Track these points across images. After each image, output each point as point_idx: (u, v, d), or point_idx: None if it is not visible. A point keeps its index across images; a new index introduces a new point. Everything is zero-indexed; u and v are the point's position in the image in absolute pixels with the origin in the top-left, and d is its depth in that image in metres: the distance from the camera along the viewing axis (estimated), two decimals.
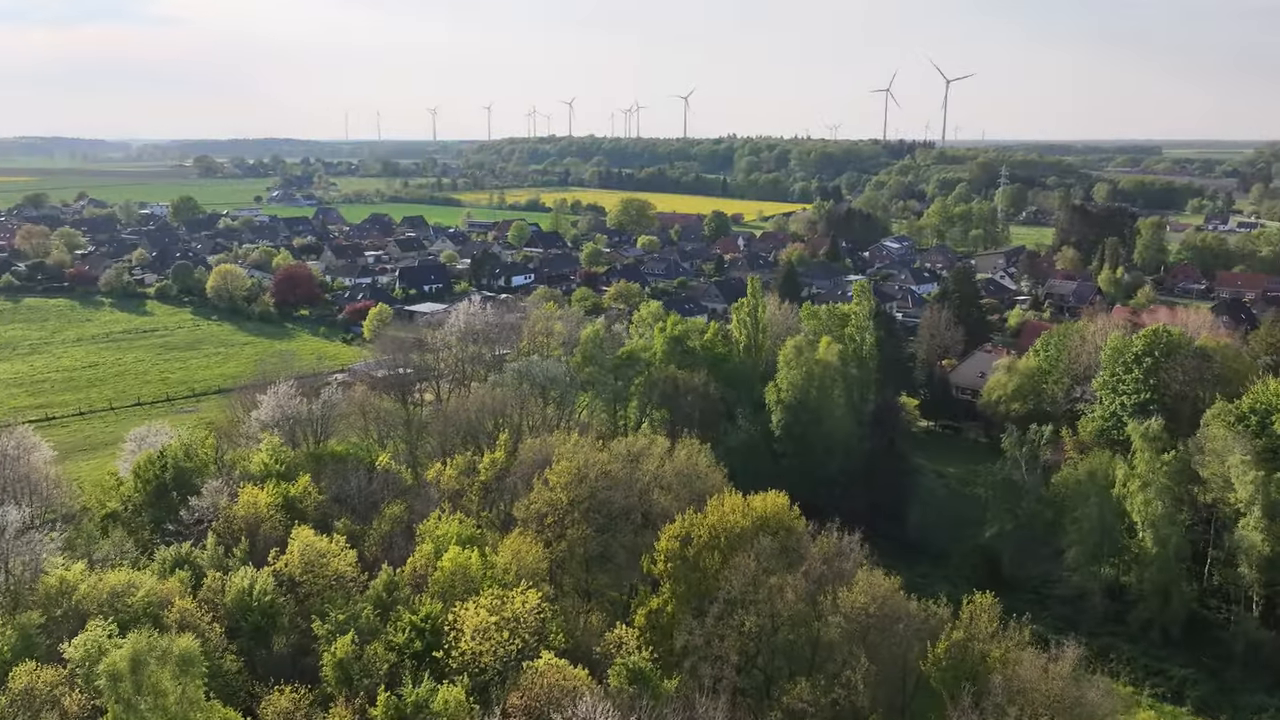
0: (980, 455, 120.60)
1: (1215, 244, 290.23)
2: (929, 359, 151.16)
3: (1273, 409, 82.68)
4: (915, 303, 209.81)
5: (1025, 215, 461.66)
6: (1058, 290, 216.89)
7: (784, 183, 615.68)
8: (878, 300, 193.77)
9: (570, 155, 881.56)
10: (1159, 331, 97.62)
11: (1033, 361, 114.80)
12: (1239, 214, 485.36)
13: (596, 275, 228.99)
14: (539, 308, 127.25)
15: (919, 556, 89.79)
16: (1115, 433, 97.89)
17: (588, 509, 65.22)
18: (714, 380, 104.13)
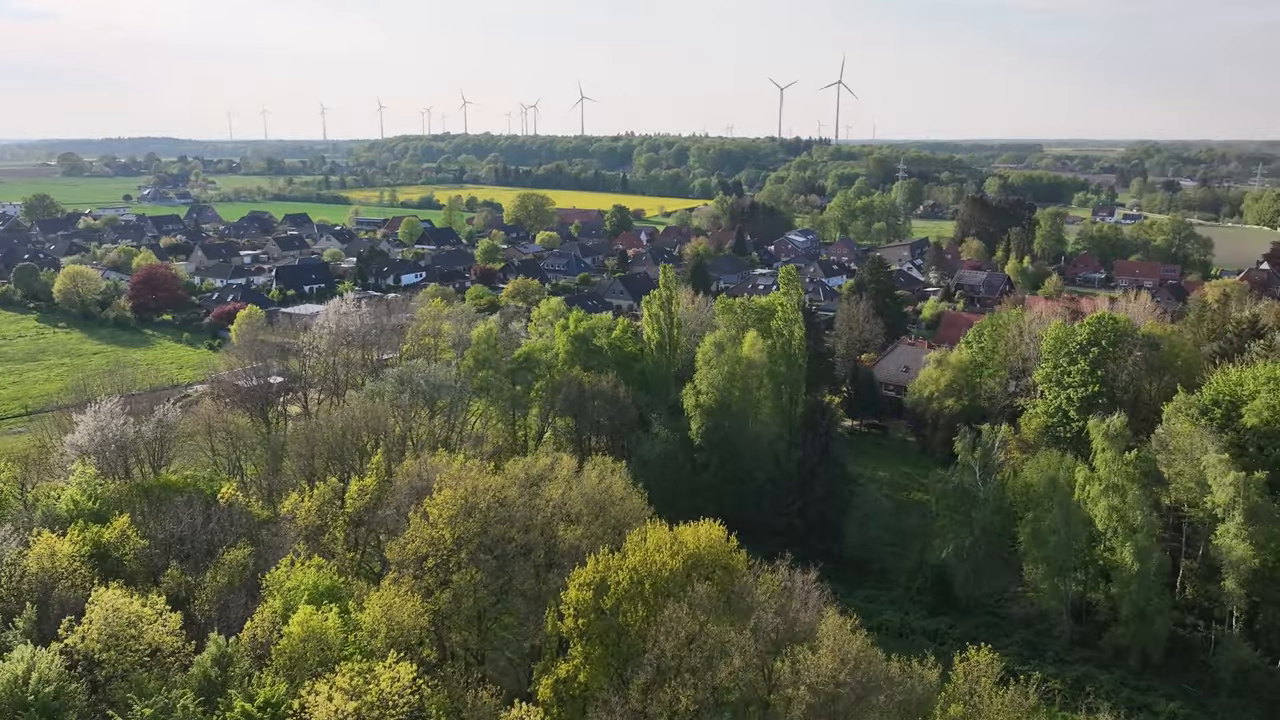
0: (910, 457, 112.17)
1: (1111, 234, 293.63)
2: (849, 354, 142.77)
3: (1238, 400, 75.47)
4: (827, 295, 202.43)
5: (923, 209, 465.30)
6: (968, 281, 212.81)
7: (684, 179, 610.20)
8: None
9: (466, 153, 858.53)
10: (1104, 319, 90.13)
11: (966, 354, 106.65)
12: (1122, 206, 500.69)
13: (493, 272, 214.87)
14: (426, 306, 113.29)
15: (861, 577, 79.85)
16: (1062, 430, 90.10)
17: (478, 548, 52.49)
18: (625, 383, 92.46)
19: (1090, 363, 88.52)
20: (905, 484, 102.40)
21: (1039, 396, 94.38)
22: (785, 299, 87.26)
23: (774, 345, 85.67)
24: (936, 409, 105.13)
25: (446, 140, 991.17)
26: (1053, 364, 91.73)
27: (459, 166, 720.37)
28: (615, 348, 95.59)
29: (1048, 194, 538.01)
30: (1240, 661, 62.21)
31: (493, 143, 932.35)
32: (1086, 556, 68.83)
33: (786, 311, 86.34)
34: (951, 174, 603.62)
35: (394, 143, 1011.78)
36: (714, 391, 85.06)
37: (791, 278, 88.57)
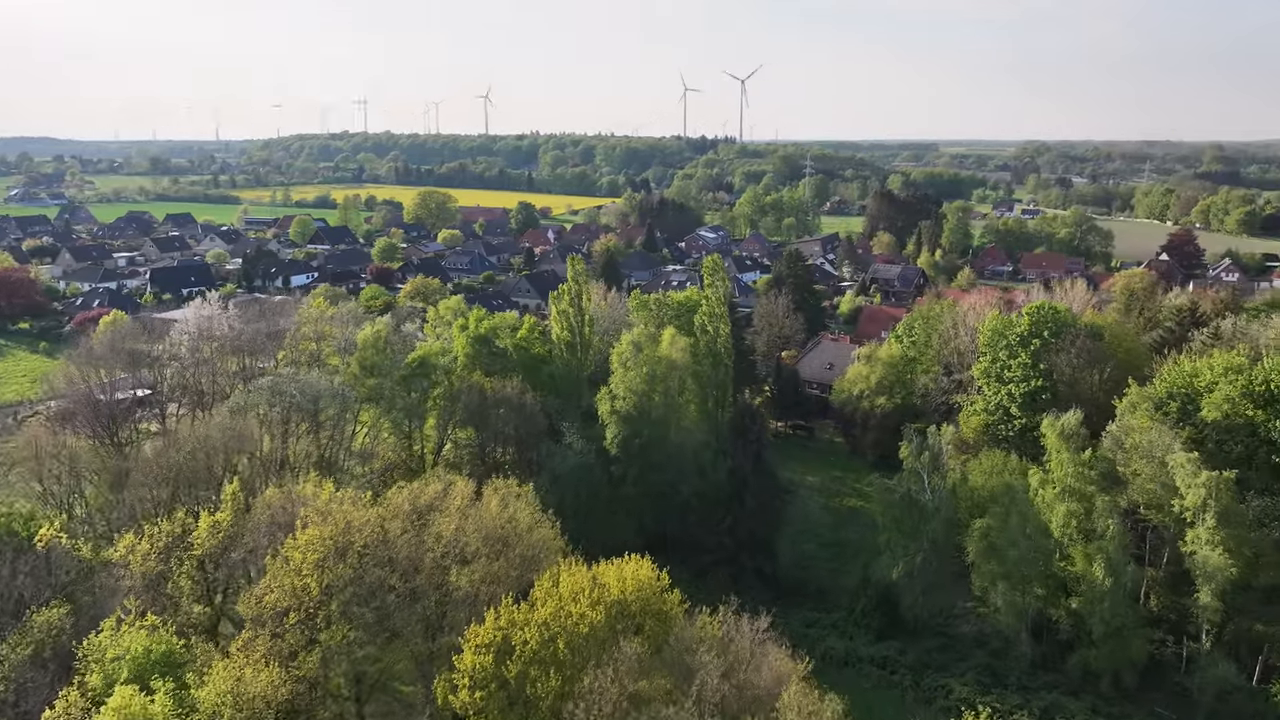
0: (840, 459, 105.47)
1: (1016, 227, 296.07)
2: (770, 352, 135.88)
3: (1195, 393, 70.29)
4: (743, 291, 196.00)
5: (829, 206, 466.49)
6: (883, 275, 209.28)
7: (591, 177, 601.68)
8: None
9: (366, 151, 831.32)
10: (1044, 309, 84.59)
11: (896, 349, 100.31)
12: (1020, 202, 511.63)
13: (390, 272, 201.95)
14: (306, 307, 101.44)
15: (799, 598, 72.12)
16: (1004, 428, 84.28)
17: (352, 599, 42.60)
18: (532, 388, 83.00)
19: (1031, 356, 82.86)
20: (837, 489, 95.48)
21: (977, 393, 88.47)
22: (710, 292, 78.93)
23: (698, 343, 77.36)
24: (867, 408, 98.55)
25: (345, 139, 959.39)
26: (991, 358, 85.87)
27: (358, 165, 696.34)
28: (521, 349, 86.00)
29: (948, 190, 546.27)
30: (1220, 681, 56.38)
31: (393, 141, 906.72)
32: (1045, 569, 62.28)
33: (711, 306, 77.99)
34: (855, 171, 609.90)
35: (289, 142, 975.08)
36: (632, 396, 76.29)
37: (716, 267, 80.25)
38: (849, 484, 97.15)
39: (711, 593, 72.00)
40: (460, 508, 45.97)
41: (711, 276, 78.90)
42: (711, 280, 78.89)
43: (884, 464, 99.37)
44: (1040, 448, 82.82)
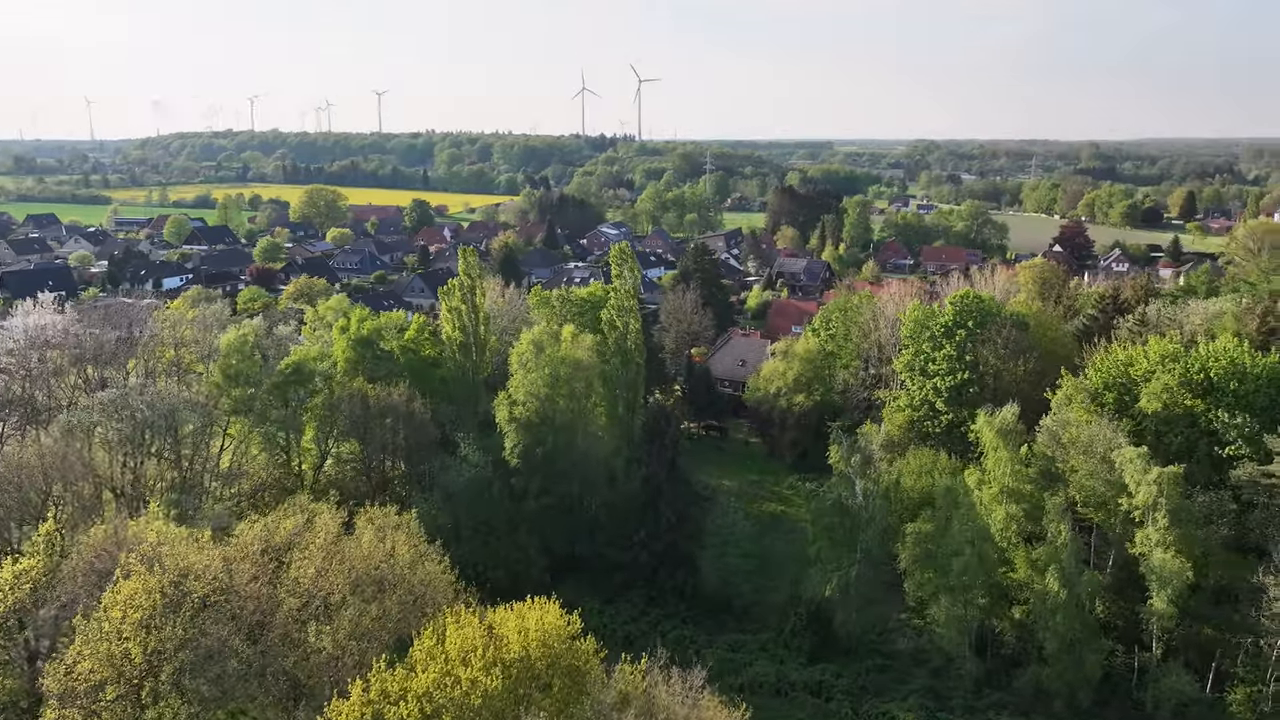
0: (756, 461, 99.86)
1: (915, 221, 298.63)
2: (679, 349, 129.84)
3: (1131, 383, 66.63)
4: (648, 288, 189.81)
5: (730, 202, 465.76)
6: (788, 269, 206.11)
7: (489, 175, 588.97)
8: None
9: (252, 149, 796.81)
10: (968, 297, 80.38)
11: (813, 343, 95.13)
12: (914, 198, 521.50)
13: (272, 273, 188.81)
14: (162, 310, 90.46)
15: (722, 618, 65.68)
16: (930, 424, 79.76)
17: (186, 667, 34.13)
18: (422, 394, 74.62)
19: (957, 347, 78.53)
20: (756, 494, 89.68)
21: (900, 388, 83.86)
22: (618, 283, 71.78)
23: (605, 341, 70.24)
24: (784, 406, 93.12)
25: (230, 138, 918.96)
26: (914, 350, 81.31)
27: (242, 164, 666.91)
28: (408, 352, 77.44)
29: (845, 186, 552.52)
30: (1176, 693, 52.25)
31: (281, 140, 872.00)
32: (988, 577, 57.35)
33: (620, 299, 70.88)
34: (754, 169, 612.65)
35: (169, 140, 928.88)
36: (533, 401, 68.74)
37: (625, 256, 73.04)
38: (768, 487, 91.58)
39: (627, 619, 65.46)
40: (325, 545, 37.76)
41: (620, 266, 71.78)
42: (619, 270, 71.78)
43: (803, 465, 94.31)
44: (969, 444, 78.83)
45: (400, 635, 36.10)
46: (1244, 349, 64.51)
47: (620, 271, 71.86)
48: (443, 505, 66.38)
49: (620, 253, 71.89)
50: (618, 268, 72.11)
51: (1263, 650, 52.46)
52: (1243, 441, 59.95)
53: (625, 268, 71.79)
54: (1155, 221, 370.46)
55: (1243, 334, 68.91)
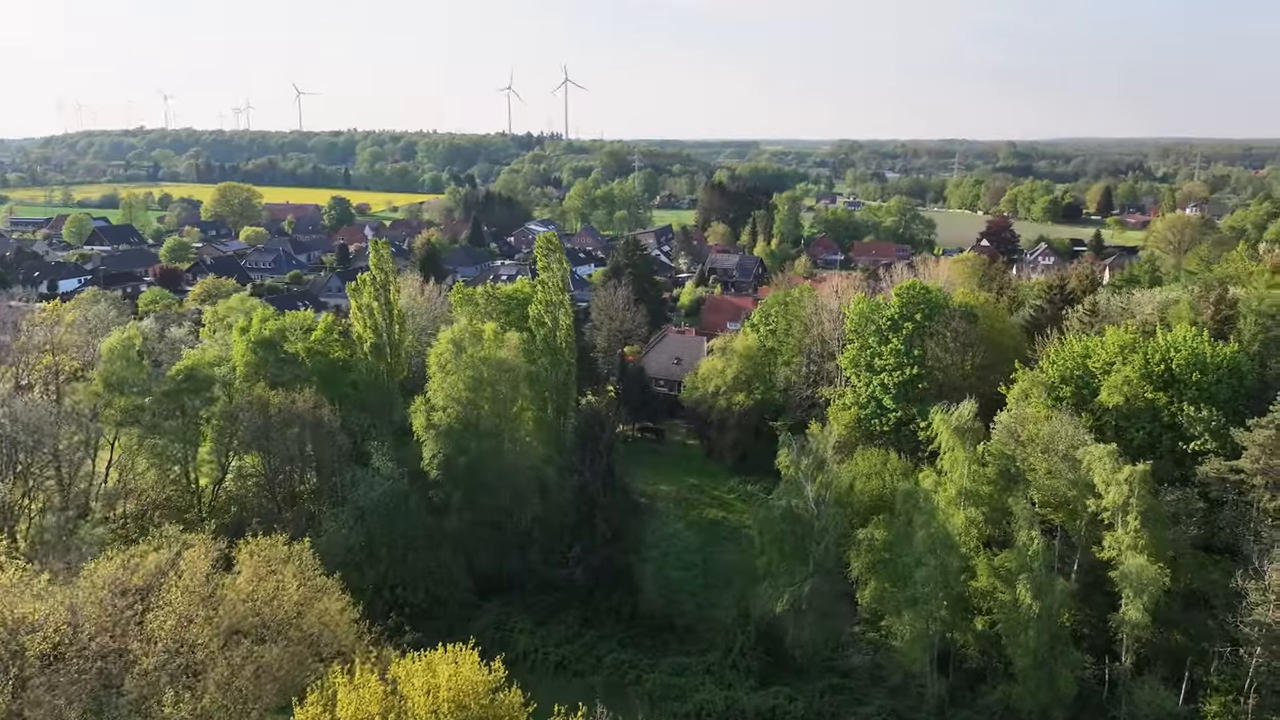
0: (694, 464, 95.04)
1: (845, 217, 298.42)
2: (611, 347, 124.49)
3: (1089, 375, 63.33)
4: (578, 285, 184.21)
5: (659, 200, 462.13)
6: (721, 264, 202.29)
7: (413, 173, 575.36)
8: None
9: (164, 148, 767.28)
10: (915, 289, 76.58)
11: (753, 339, 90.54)
12: (840, 195, 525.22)
13: (178, 273, 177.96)
14: (34, 313, 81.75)
15: (665, 638, 60.47)
16: (877, 423, 75.76)
17: None
18: (332, 400, 67.93)
19: (904, 341, 74.67)
20: (696, 500, 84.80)
21: (846, 385, 79.77)
22: (545, 276, 65.78)
23: (533, 339, 64.33)
24: (723, 406, 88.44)
25: (141, 136, 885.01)
26: (859, 345, 77.29)
27: (153, 163, 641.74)
28: (316, 354, 70.52)
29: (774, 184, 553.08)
30: (1152, 707, 48.69)
31: (195, 138, 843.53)
32: (950, 588, 53.21)
33: (548, 293, 64.95)
34: (683, 167, 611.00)
35: (76, 139, 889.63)
36: (454, 406, 62.61)
37: (552, 247, 66.97)
38: (708, 492, 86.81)
39: (561, 641, 59.86)
40: (192, 587, 31.34)
41: (546, 258, 65.79)
42: (546, 262, 65.80)
43: (744, 467, 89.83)
44: (919, 443, 75.10)
45: (287, 692, 29.98)
46: (1204, 339, 61.67)
47: (547, 263, 65.93)
48: (354, 523, 59.93)
49: (547, 243, 65.85)
50: (544, 259, 66.17)
51: (1242, 659, 49.17)
52: (1209, 436, 56.89)
53: (553, 259, 65.87)
54: (1075, 217, 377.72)
55: (1199, 323, 66.25)
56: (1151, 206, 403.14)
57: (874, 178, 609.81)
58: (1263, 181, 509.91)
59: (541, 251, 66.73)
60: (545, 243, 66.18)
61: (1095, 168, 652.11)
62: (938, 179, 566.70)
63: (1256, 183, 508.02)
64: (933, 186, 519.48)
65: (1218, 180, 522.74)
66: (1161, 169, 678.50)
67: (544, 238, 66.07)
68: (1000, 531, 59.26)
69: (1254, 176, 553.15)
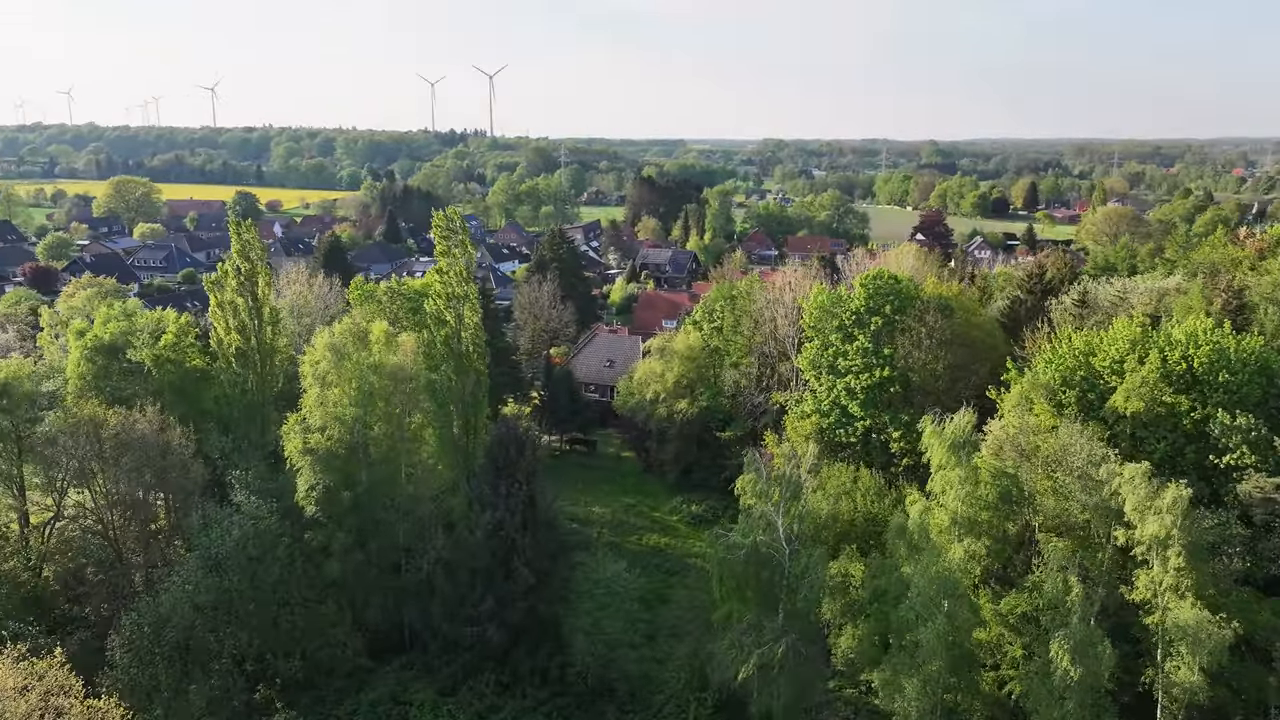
0: (630, 480, 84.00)
1: (778, 211, 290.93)
2: (535, 349, 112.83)
3: (1096, 376, 53.95)
4: (500, 282, 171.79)
5: (587, 196, 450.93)
6: (653, 260, 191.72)
7: (330, 170, 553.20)
8: None
9: (63, 144, 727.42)
10: (882, 278, 66.49)
11: (695, 338, 79.64)
12: (769, 191, 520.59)
13: (53, 272, 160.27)
14: None
15: (603, 708, 49.03)
16: (843, 433, 65.58)
17: None
18: (187, 420, 55.06)
19: (871, 338, 64.64)
20: (634, 524, 73.70)
21: (804, 389, 69.46)
22: (446, 264, 53.19)
23: (432, 341, 52.15)
24: (663, 415, 77.51)
25: (38, 132, 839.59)
26: (820, 344, 67.01)
27: (49, 158, 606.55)
28: (167, 363, 57.41)
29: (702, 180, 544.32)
30: None
31: (97, 133, 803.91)
32: (957, 646, 42.97)
33: (450, 284, 52.45)
34: (610, 164, 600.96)
35: None
36: (336, 426, 50.37)
37: (455, 228, 54.28)
38: (648, 514, 75.83)
39: (473, 715, 48.17)
40: None
41: (447, 241, 53.34)
42: (447, 246, 53.28)
43: (687, 483, 79.17)
44: (890, 456, 65.27)
45: None
46: (1226, 332, 52.82)
47: (447, 248, 53.46)
48: (206, 576, 47.30)
49: (447, 223, 53.39)
50: (444, 243, 53.60)
51: None
52: (1246, 448, 47.83)
53: (454, 243, 53.48)
54: (1003, 211, 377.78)
55: (1211, 314, 57.57)
56: (1077, 201, 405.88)
57: (802, 175, 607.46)
58: (1176, 179, 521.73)
59: (441, 234, 54.22)
60: (445, 224, 53.61)
61: (1015, 165, 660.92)
62: (865, 175, 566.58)
63: (1171, 180, 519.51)
64: (860, 183, 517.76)
65: (1133, 177, 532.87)
66: (1078, 167, 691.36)
67: (442, 216, 53.60)
68: (998, 564, 49.63)
69: (1167, 174, 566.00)
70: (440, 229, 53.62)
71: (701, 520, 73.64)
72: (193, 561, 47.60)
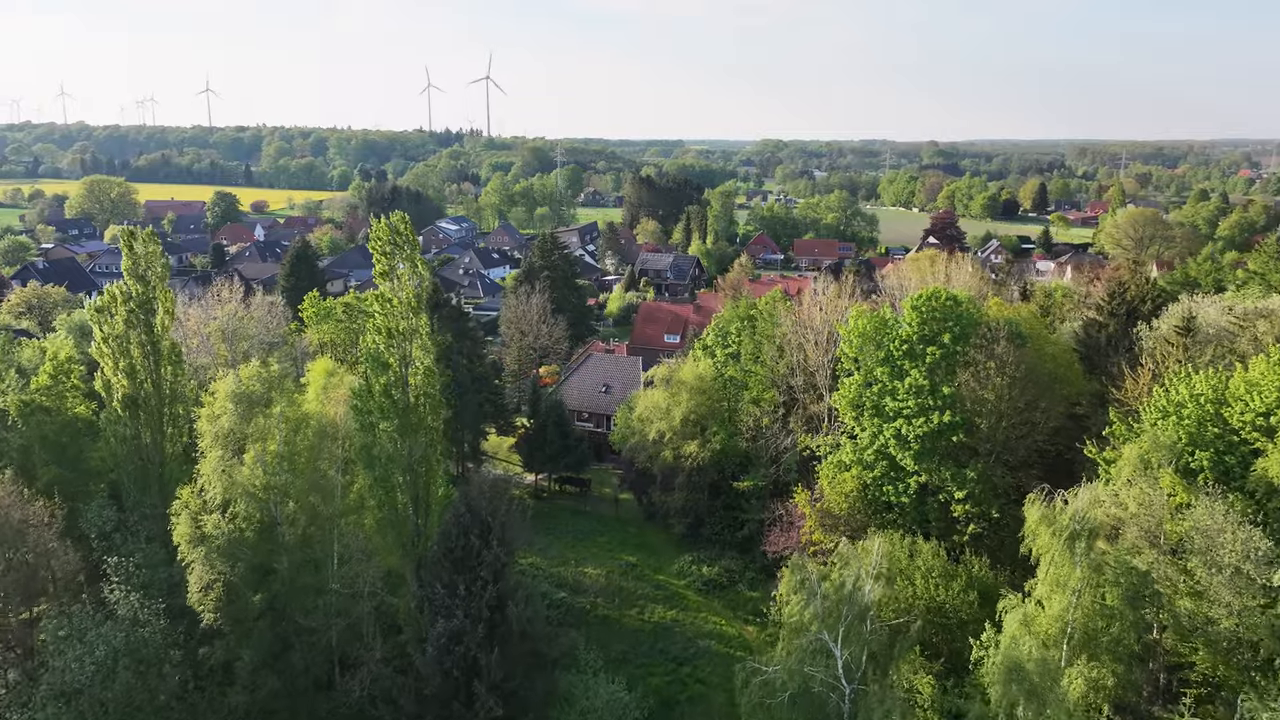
0: (632, 532, 71.68)
1: (783, 213, 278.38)
2: (521, 369, 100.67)
3: (1232, 432, 41.66)
4: (488, 290, 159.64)
5: (584, 197, 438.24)
6: (653, 265, 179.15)
7: (321, 169, 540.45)
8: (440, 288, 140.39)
9: (50, 142, 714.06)
10: (938, 298, 54.12)
11: (707, 366, 67.12)
12: (770, 193, 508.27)
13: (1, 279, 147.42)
14: None
15: None
16: (892, 490, 53.34)
17: None
18: (63, 485, 42.61)
19: (928, 373, 52.40)
20: (635, 592, 61.28)
21: (841, 433, 57.14)
22: (387, 287, 40.02)
23: (370, 387, 39.59)
24: (669, 459, 65.10)
25: (27, 130, 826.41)
26: (863, 378, 54.77)
27: (33, 157, 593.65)
28: (39, 412, 44.88)
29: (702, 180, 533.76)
30: None
31: (86, 132, 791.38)
32: None
33: (394, 315, 39.51)
34: (608, 164, 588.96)
35: None
36: (245, 502, 38.04)
37: (401, 240, 40.77)
38: (650, 577, 63.48)
39: None
40: None
41: (390, 257, 40.24)
42: (389, 264, 40.17)
43: (697, 538, 66.87)
44: (953, 521, 53.14)
45: None
46: None
47: (390, 265, 40.35)
48: (59, 712, 34.94)
49: (391, 234, 40.24)
50: (385, 261, 40.36)
51: None
52: None
53: (400, 258, 40.42)
54: (1013, 213, 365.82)
55: None
56: (1088, 203, 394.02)
57: (803, 175, 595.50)
58: (1183, 180, 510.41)
59: (380, 247, 40.92)
60: (387, 235, 40.33)
61: (1017, 166, 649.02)
62: (868, 176, 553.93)
63: (1179, 180, 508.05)
64: (864, 184, 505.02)
65: (1141, 178, 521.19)
66: (1081, 168, 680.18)
67: (384, 226, 40.34)
68: (1131, 695, 37.63)
69: (1174, 175, 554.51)
70: (380, 242, 41.04)
71: (715, 587, 61.48)
72: (41, 694, 35.18)
